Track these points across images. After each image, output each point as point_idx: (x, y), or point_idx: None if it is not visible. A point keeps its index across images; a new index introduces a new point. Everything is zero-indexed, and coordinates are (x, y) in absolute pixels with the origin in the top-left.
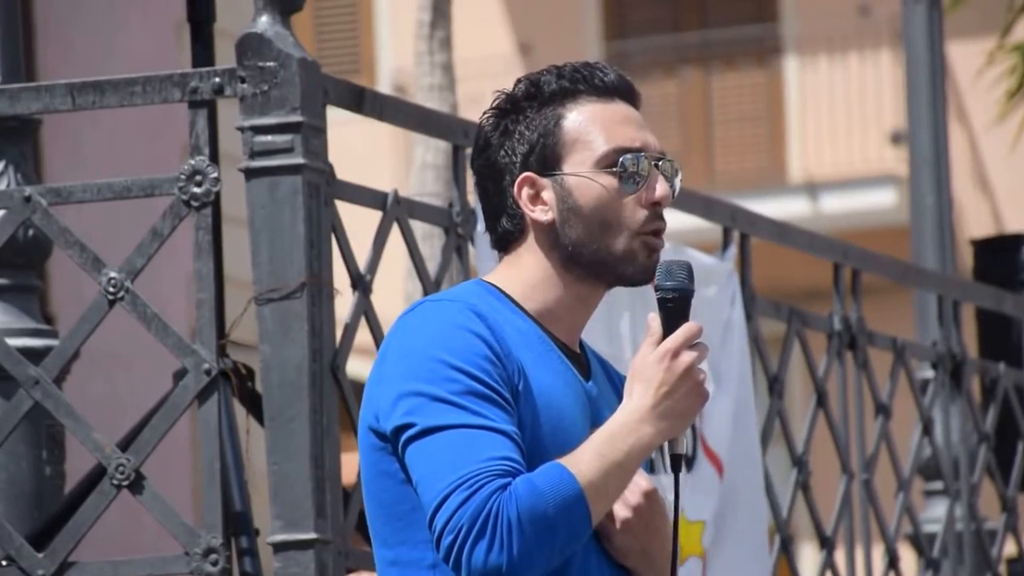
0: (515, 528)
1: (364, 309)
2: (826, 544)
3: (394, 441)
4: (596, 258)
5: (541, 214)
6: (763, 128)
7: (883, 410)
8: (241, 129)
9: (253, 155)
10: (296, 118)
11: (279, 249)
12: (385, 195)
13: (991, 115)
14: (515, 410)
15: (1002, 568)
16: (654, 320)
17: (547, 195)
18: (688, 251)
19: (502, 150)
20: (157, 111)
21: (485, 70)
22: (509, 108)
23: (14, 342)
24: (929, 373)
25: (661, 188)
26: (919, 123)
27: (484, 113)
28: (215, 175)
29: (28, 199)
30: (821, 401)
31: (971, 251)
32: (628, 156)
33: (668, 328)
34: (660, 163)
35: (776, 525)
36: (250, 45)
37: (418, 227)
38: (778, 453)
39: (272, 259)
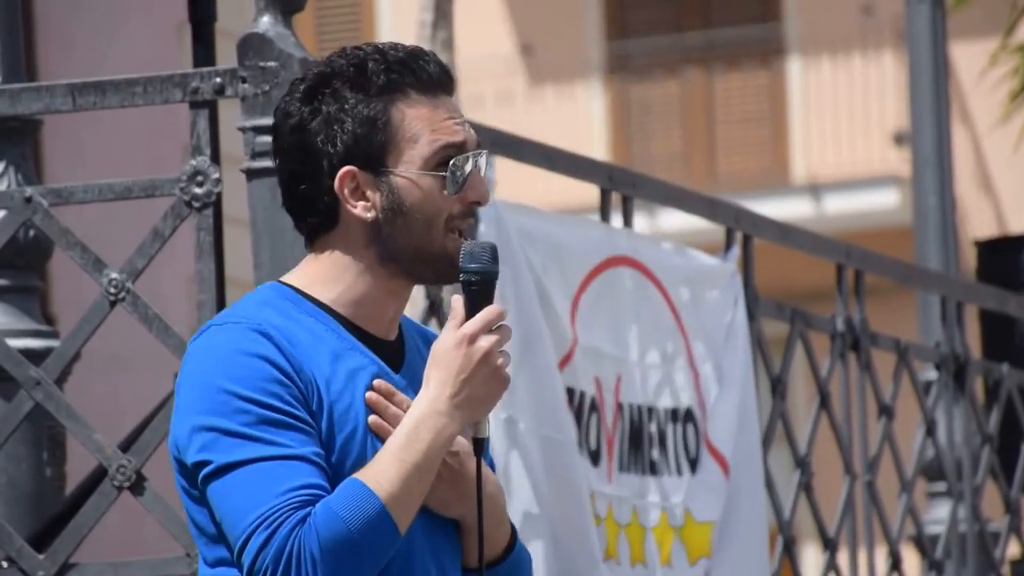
0: (319, 562)
1: None
2: (829, 545)
3: (194, 475)
4: (415, 256)
5: (363, 211)
6: (766, 129)
7: (886, 411)
8: (242, 129)
9: (255, 155)
10: None
11: (281, 250)
12: None
13: (994, 116)
14: (315, 427)
15: (1005, 569)
16: (457, 302)
17: (370, 192)
18: (691, 252)
19: (321, 136)
20: (158, 111)
21: (486, 70)
22: (327, 92)
23: (15, 343)
24: (932, 374)
25: (481, 188)
26: (922, 124)
27: (292, 88)
28: (216, 176)
29: (29, 200)
30: (824, 402)
31: (974, 252)
32: (457, 158)
33: (472, 312)
34: (477, 158)
35: (779, 526)
36: (251, 45)
37: None
38: (781, 454)
39: (273, 260)
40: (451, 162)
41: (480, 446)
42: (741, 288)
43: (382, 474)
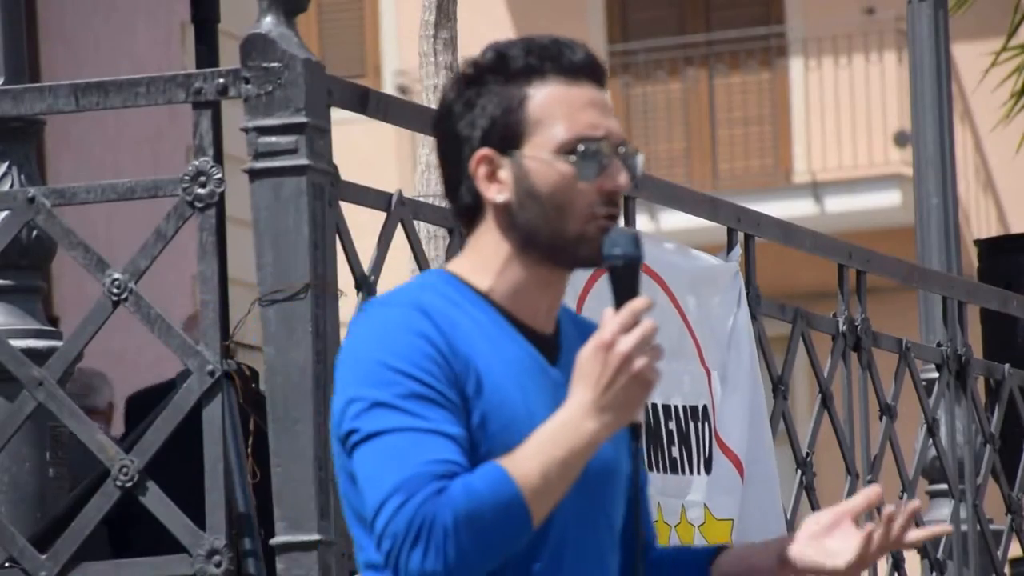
0: (450, 533)
1: None
2: None
3: (345, 447)
4: (551, 241)
5: (496, 193)
6: (768, 129)
7: (888, 411)
8: (245, 130)
9: (257, 156)
10: (300, 119)
11: (283, 250)
12: (389, 196)
13: (996, 116)
14: (461, 410)
15: (1007, 569)
16: (608, 314)
17: (504, 174)
18: (693, 252)
19: (463, 121)
20: (161, 112)
21: None
22: (473, 78)
23: (18, 343)
24: (934, 374)
25: (619, 177)
26: (924, 124)
27: (449, 80)
28: (219, 176)
29: (32, 200)
30: (826, 402)
31: (976, 252)
32: (588, 143)
33: (617, 300)
34: (621, 150)
35: None
36: (254, 46)
37: (422, 228)
38: (782, 454)
39: (276, 260)
40: (583, 148)
41: (637, 431)
42: (743, 288)
43: (523, 463)
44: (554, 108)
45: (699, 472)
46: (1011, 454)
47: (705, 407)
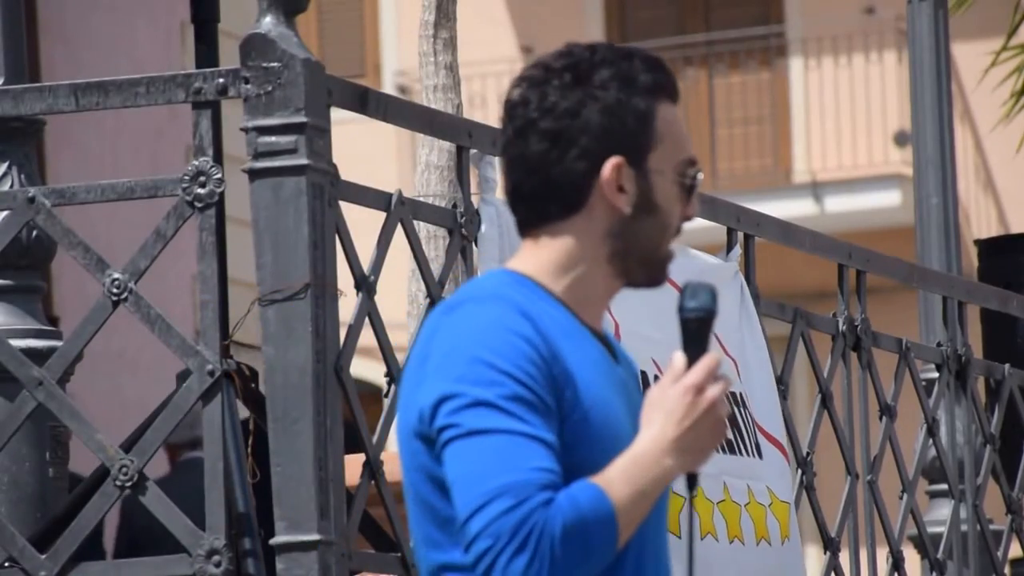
0: (557, 544)
1: (368, 310)
2: (830, 546)
3: (436, 442)
4: (644, 254)
5: (623, 201)
6: (768, 129)
7: (888, 411)
8: (245, 130)
9: (257, 156)
10: (300, 119)
11: (283, 250)
12: (389, 196)
13: (996, 116)
14: (556, 416)
15: (1007, 569)
16: (679, 359)
17: (629, 185)
18: (692, 252)
19: (595, 124)
20: (161, 112)
21: (488, 71)
22: (595, 81)
23: (18, 343)
24: (934, 374)
25: (697, 204)
26: (924, 123)
27: (542, 76)
28: (219, 176)
29: (32, 200)
30: (826, 402)
31: (976, 252)
32: (698, 170)
33: (688, 349)
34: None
35: None
36: (254, 46)
37: (422, 228)
38: None
39: (276, 260)
40: (697, 175)
41: (693, 481)
42: (745, 287)
43: (613, 484)
44: (672, 128)
45: (753, 455)
46: (1011, 454)
47: (741, 394)
